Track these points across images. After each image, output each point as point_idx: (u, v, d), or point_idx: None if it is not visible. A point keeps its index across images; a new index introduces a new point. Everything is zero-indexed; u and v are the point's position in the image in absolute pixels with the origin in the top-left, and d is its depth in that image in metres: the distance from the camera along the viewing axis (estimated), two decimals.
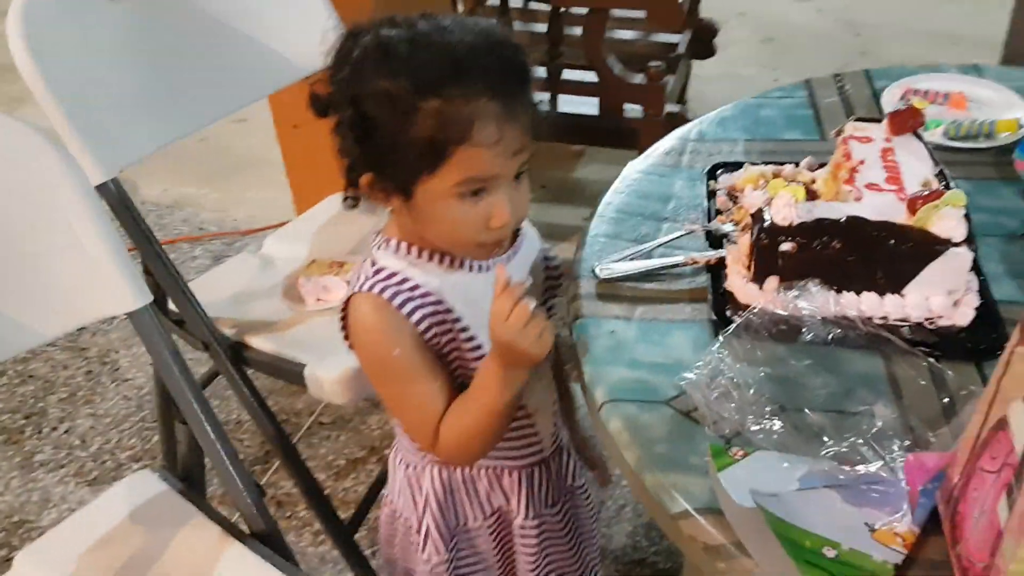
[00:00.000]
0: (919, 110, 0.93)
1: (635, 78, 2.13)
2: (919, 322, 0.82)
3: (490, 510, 1.02)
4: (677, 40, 2.46)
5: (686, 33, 2.48)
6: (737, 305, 0.85)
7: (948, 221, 0.79)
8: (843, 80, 1.22)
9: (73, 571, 1.10)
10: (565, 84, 2.22)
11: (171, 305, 1.41)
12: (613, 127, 2.22)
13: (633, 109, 2.20)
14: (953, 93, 1.16)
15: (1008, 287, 0.88)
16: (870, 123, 0.95)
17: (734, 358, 0.77)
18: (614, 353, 0.84)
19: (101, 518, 1.16)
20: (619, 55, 2.16)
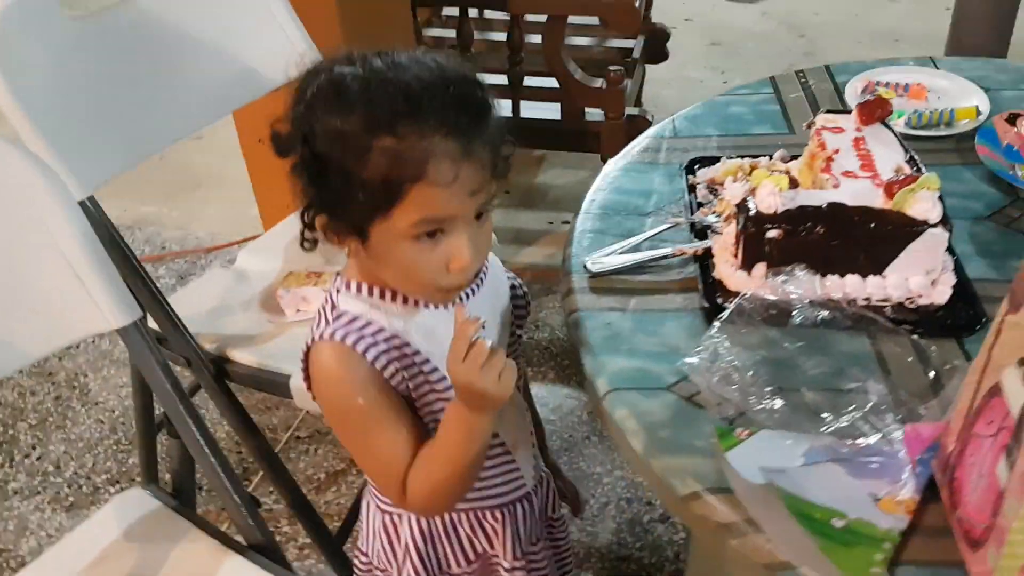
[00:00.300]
0: (887, 100, 0.97)
1: (595, 83, 2.16)
2: (900, 302, 0.86)
3: (473, 555, 0.99)
4: (632, 45, 2.50)
5: (640, 38, 2.53)
6: (727, 293, 0.88)
7: (924, 203, 0.82)
8: (805, 76, 1.27)
9: None
10: (526, 90, 2.25)
11: (151, 323, 1.41)
12: (575, 131, 2.26)
13: (594, 113, 2.24)
14: (912, 84, 1.20)
15: (979, 266, 0.93)
16: (840, 115, 0.99)
17: (731, 343, 0.79)
18: (612, 344, 0.86)
19: (94, 539, 1.15)
20: (576, 61, 2.20)
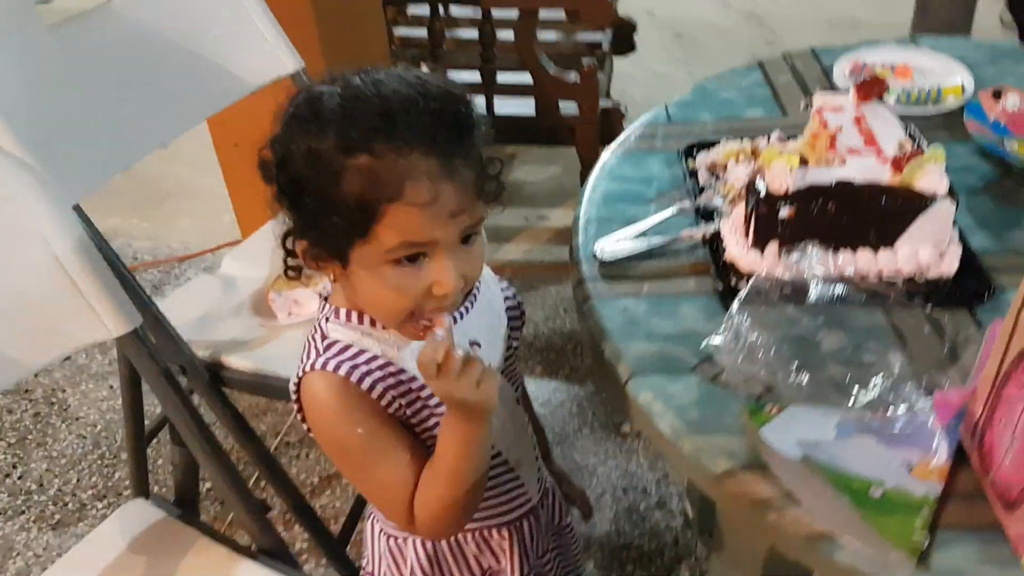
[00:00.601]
0: (882, 79, 0.98)
1: (569, 76, 2.17)
2: (911, 275, 0.87)
3: (480, 573, 0.97)
4: (600, 39, 2.51)
5: (607, 31, 2.54)
6: (740, 274, 0.89)
7: (931, 176, 0.84)
8: (792, 59, 1.28)
9: None
10: (500, 87, 2.25)
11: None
12: (550, 126, 2.26)
13: (567, 107, 2.25)
14: (898, 64, 1.22)
15: (980, 238, 0.94)
16: (837, 94, 1.00)
17: (752, 322, 0.80)
18: (630, 329, 0.86)
19: (98, 552, 1.13)
20: (546, 55, 2.20)
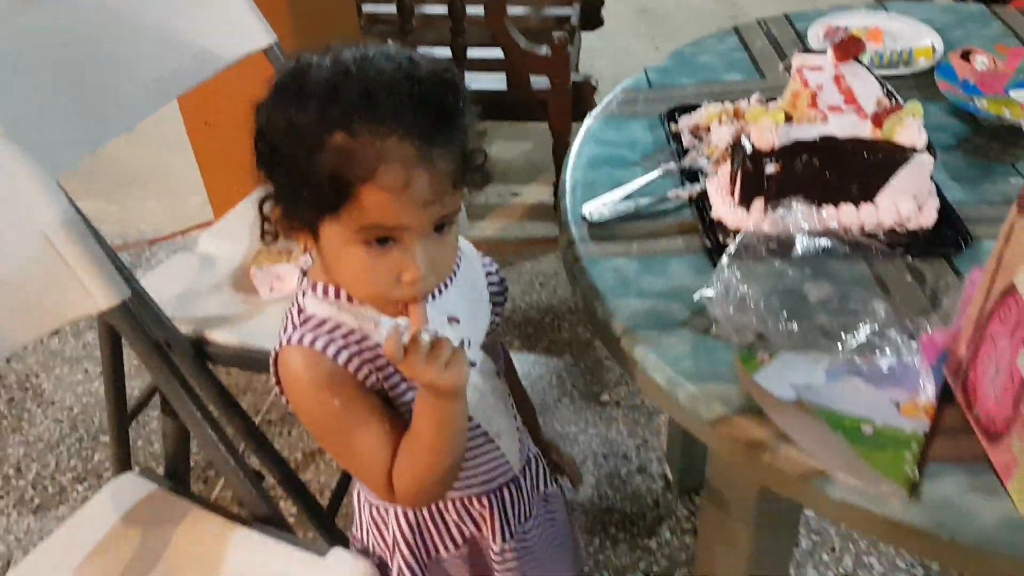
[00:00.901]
0: (859, 38, 1.01)
1: (540, 50, 2.18)
2: (892, 227, 0.90)
3: (461, 540, 0.99)
4: (569, 13, 2.52)
5: (575, 5, 2.55)
6: (727, 231, 0.91)
7: (910, 130, 0.87)
8: (767, 25, 1.30)
9: None
10: (470, 62, 2.25)
11: None
12: (522, 101, 2.27)
13: (539, 82, 2.26)
14: (869, 28, 1.25)
15: (955, 192, 0.98)
16: (816, 55, 1.02)
17: (741, 275, 0.82)
18: (622, 287, 0.88)
19: (91, 527, 1.13)
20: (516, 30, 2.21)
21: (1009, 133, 1.05)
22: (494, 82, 2.28)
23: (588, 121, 1.14)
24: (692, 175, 1.01)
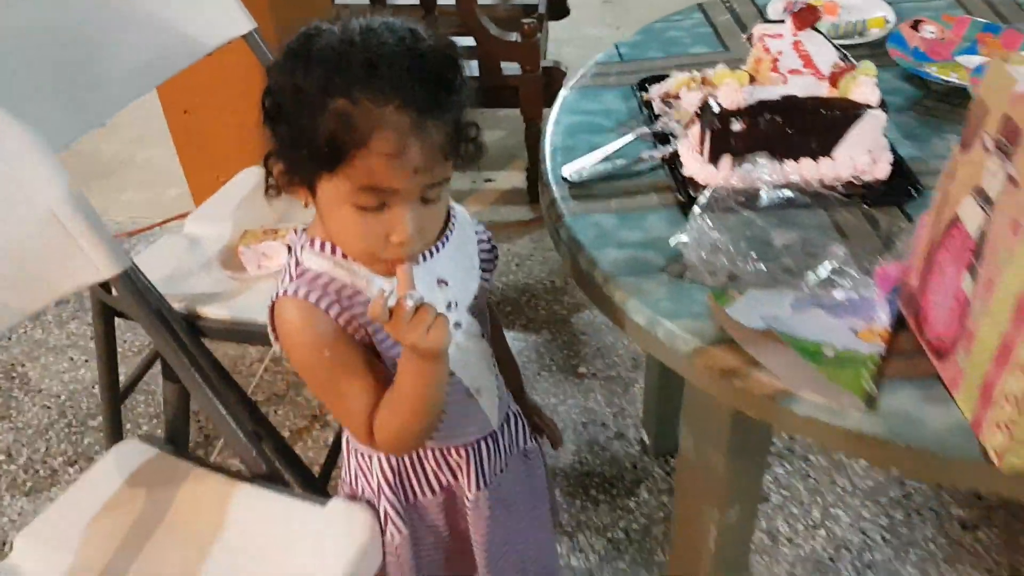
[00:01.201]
0: (815, 7, 1.08)
1: (510, 37, 2.24)
2: (849, 180, 0.97)
3: (439, 487, 1.04)
4: (536, 2, 2.59)
5: None
6: (698, 186, 0.98)
7: (864, 88, 0.94)
8: (730, 1, 1.38)
9: (79, 544, 1.10)
10: None
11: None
12: (494, 87, 2.33)
13: (510, 68, 2.32)
14: (825, 2, 1.33)
15: (907, 149, 1.05)
16: (776, 24, 1.10)
17: (713, 223, 0.89)
18: (602, 240, 0.95)
19: (96, 491, 1.17)
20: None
21: (956, 95, 1.13)
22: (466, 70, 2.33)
23: (564, 92, 1.20)
24: (664, 138, 1.07)
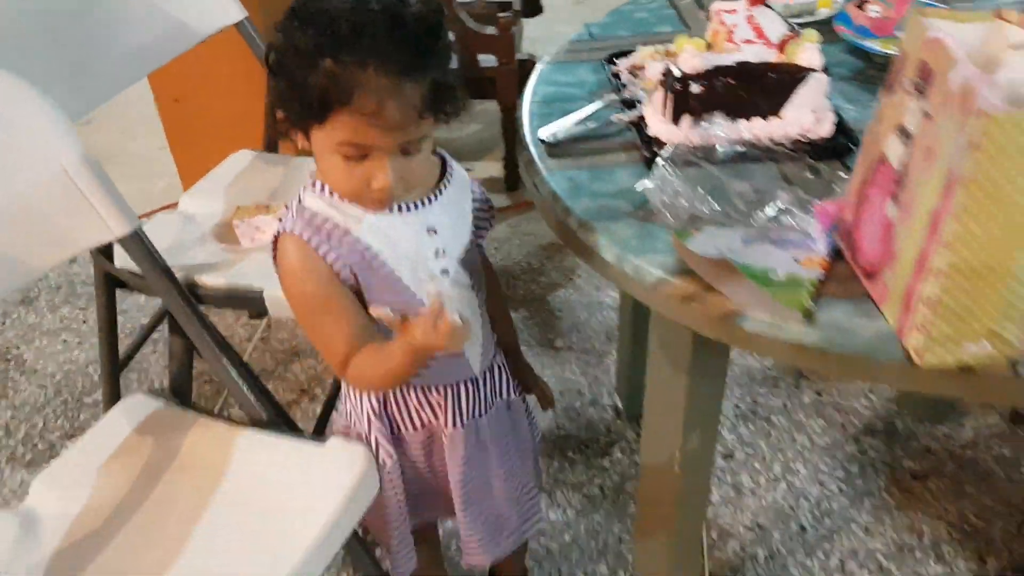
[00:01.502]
0: None
1: (487, 30, 2.34)
2: (796, 138, 1.08)
3: (420, 424, 1.13)
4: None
5: None
6: (661, 144, 1.08)
7: (808, 53, 1.05)
8: None
9: (93, 487, 1.18)
10: None
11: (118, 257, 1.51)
12: (471, 79, 2.43)
13: (486, 61, 2.42)
14: None
15: (849, 113, 1.16)
16: (731, 1, 1.21)
17: (674, 173, 0.99)
18: (576, 192, 1.05)
19: (105, 441, 1.25)
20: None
21: None
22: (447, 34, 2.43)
23: (540, 66, 1.31)
24: (631, 104, 1.18)
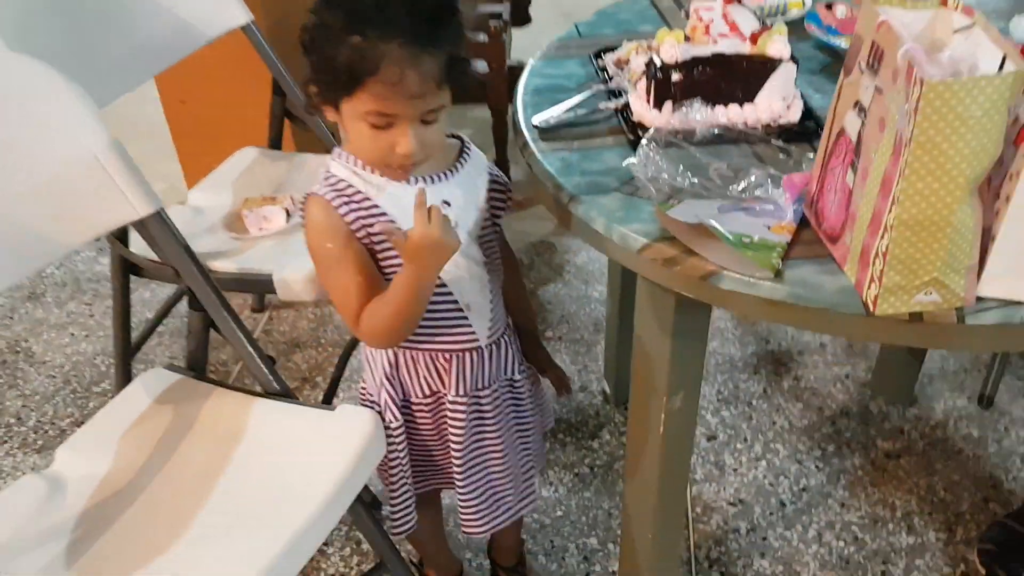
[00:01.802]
0: None
1: (479, 37, 2.45)
2: (768, 123, 1.18)
3: (428, 391, 1.21)
4: (500, 10, 2.80)
5: (506, 3, 2.83)
6: (645, 128, 1.18)
7: (778, 45, 1.15)
8: None
9: (116, 451, 1.26)
10: None
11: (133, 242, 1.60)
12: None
13: (478, 65, 2.52)
14: None
15: (817, 101, 1.26)
16: (708, 0, 1.31)
17: (656, 152, 1.09)
18: (568, 170, 1.14)
19: (127, 410, 1.33)
20: None
21: None
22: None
23: (531, 61, 1.40)
24: (617, 94, 1.28)
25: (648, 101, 1.18)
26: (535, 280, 2.37)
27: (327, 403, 1.77)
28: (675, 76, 1.15)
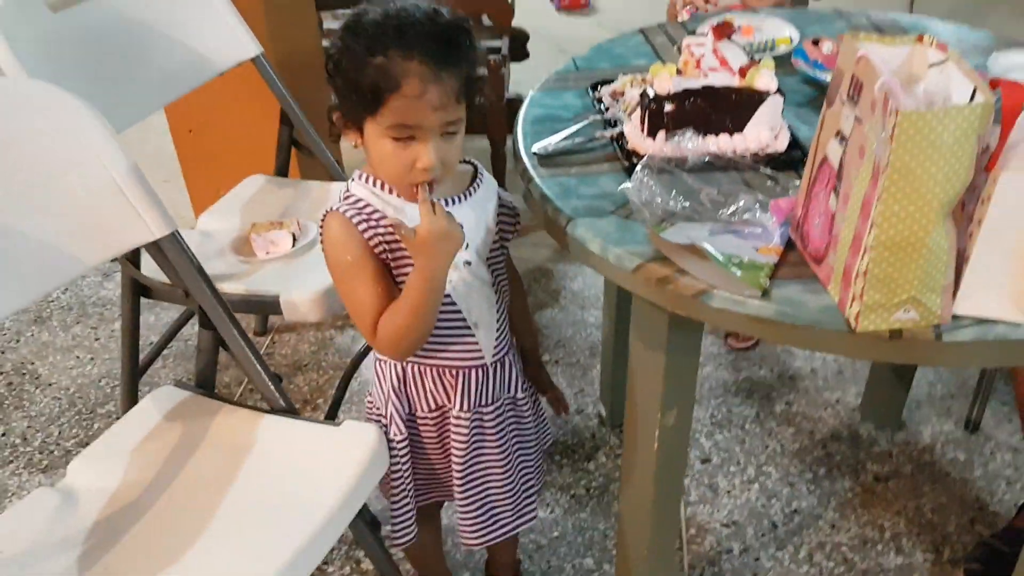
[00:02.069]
0: (730, 22, 1.37)
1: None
2: (756, 152, 1.24)
3: (434, 404, 1.25)
4: (499, 45, 2.88)
5: (505, 38, 2.91)
6: (639, 155, 1.24)
7: (765, 78, 1.21)
8: (665, 27, 1.67)
9: (127, 465, 1.31)
10: None
11: (144, 264, 1.64)
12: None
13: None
14: (743, 26, 1.62)
15: (804, 131, 1.32)
16: (700, 36, 1.38)
17: (650, 178, 1.15)
18: (566, 194, 1.20)
19: (138, 426, 1.37)
20: None
21: None
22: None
23: (531, 92, 1.47)
24: (612, 123, 1.34)
25: (642, 130, 1.24)
26: (532, 305, 2.42)
27: (333, 414, 1.81)
28: (668, 107, 1.21)
